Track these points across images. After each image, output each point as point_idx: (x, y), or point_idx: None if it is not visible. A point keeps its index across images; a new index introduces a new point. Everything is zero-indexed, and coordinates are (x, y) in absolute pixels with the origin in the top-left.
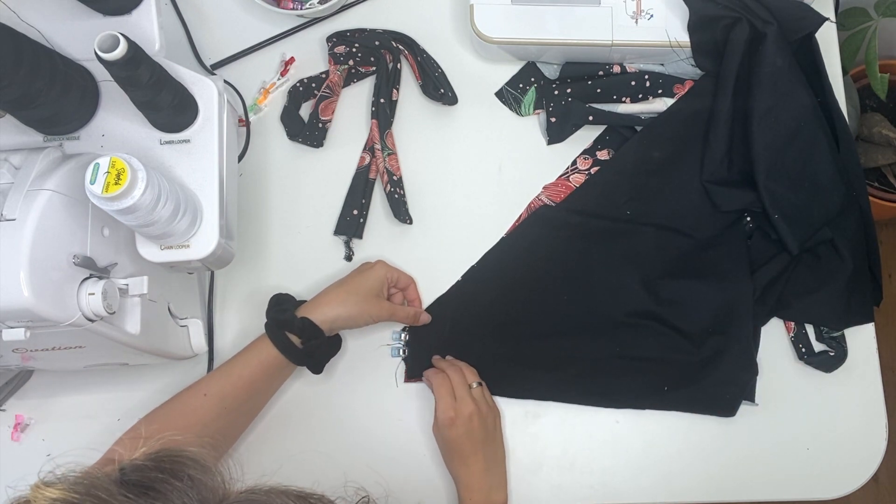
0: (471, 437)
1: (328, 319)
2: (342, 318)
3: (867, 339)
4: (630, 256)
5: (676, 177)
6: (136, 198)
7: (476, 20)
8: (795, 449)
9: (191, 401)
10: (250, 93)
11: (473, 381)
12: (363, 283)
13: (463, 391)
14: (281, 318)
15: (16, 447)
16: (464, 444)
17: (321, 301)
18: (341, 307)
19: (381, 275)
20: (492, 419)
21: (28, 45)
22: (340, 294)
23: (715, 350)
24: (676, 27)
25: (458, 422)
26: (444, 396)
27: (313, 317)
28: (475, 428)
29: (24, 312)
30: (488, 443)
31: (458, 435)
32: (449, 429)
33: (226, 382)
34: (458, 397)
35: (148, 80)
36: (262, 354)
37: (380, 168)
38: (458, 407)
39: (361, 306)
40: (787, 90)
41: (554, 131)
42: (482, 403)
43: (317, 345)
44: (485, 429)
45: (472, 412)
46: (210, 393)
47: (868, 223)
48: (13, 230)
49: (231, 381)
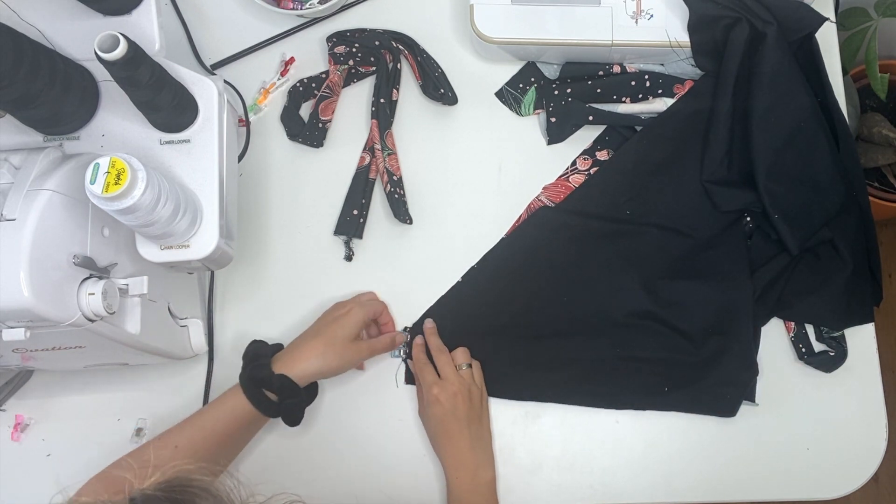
0: (455, 415)
1: (307, 375)
2: (321, 372)
3: (867, 339)
4: (630, 257)
5: (676, 177)
6: (136, 198)
7: (476, 20)
8: (795, 449)
9: (161, 453)
10: (250, 93)
11: (463, 363)
12: (340, 332)
13: (448, 371)
14: (258, 375)
15: (16, 447)
16: (449, 423)
17: (299, 356)
18: (320, 360)
19: (357, 320)
20: (478, 399)
21: (28, 45)
22: (318, 347)
23: (715, 350)
24: (676, 27)
25: (441, 399)
26: (428, 376)
27: (292, 373)
28: (460, 406)
29: (24, 312)
30: (474, 421)
31: (444, 412)
32: (433, 406)
33: (197, 435)
34: (443, 376)
35: (148, 80)
36: (238, 409)
37: (380, 168)
38: (442, 385)
39: (341, 357)
40: (787, 90)
41: (554, 131)
42: (469, 383)
43: (295, 402)
44: (470, 407)
45: (456, 391)
46: (181, 445)
47: (868, 223)
48: (13, 230)
49: (203, 433)
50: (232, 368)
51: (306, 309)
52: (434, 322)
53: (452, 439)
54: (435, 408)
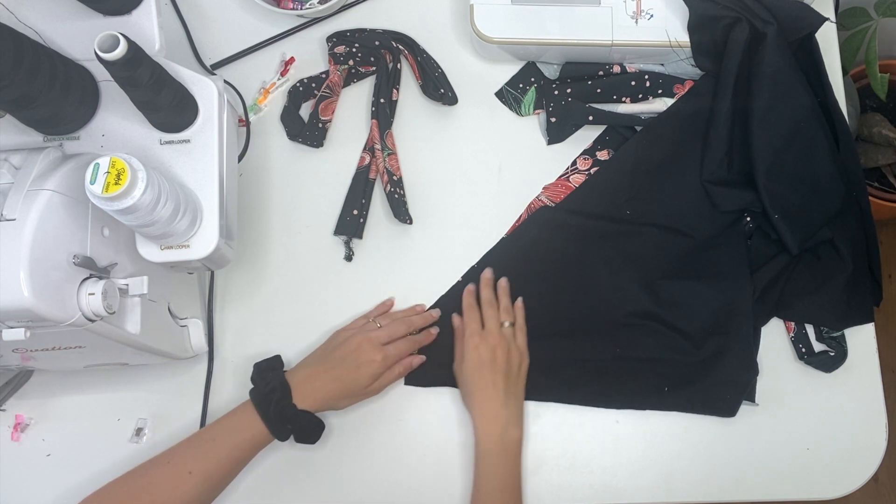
0: (493, 366)
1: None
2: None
3: (867, 339)
4: (630, 257)
5: (676, 177)
6: (136, 198)
7: (476, 20)
8: (795, 449)
9: (173, 479)
10: (250, 93)
11: (506, 320)
12: (362, 381)
13: (493, 324)
14: (286, 414)
15: (16, 447)
16: (484, 373)
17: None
18: (338, 402)
19: (378, 373)
20: (517, 360)
21: (28, 45)
22: (337, 390)
23: (715, 350)
24: (676, 27)
25: (481, 349)
26: (472, 323)
27: (312, 408)
28: (498, 359)
29: (24, 312)
30: (510, 379)
31: (480, 362)
32: (470, 354)
33: (212, 461)
34: (487, 329)
35: (148, 80)
36: (257, 439)
37: (380, 168)
38: (483, 335)
39: (357, 400)
40: (787, 90)
41: (554, 131)
42: (510, 341)
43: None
44: (508, 364)
45: (496, 344)
46: (195, 471)
47: (868, 223)
48: (13, 230)
49: (219, 460)
50: (232, 368)
51: (306, 309)
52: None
53: (486, 391)
54: (472, 357)
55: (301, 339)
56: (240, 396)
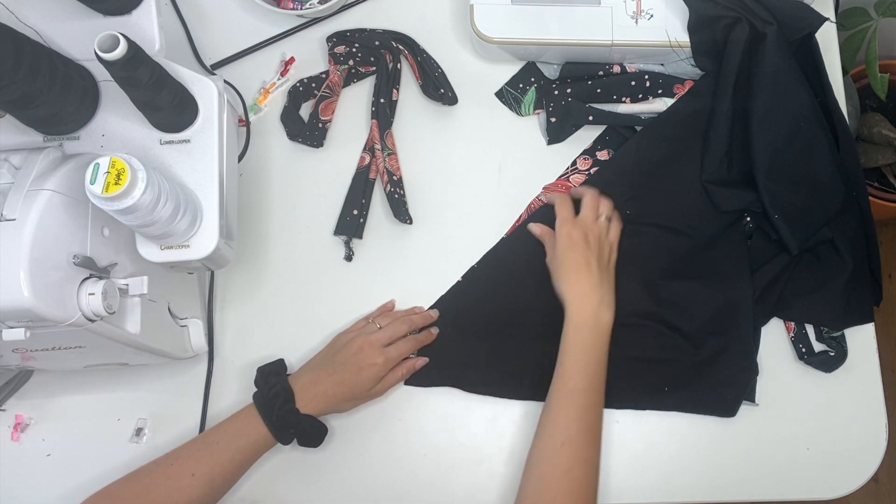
0: (587, 250)
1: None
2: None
3: (867, 339)
4: (630, 256)
5: (676, 177)
6: (136, 198)
7: (476, 20)
8: (795, 449)
9: (176, 481)
10: (250, 93)
11: (604, 213)
12: (365, 384)
13: (588, 213)
14: (291, 419)
15: (16, 447)
16: (578, 253)
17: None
18: (341, 405)
19: (380, 376)
20: (607, 251)
21: (28, 45)
22: (340, 393)
23: (715, 350)
24: (676, 27)
25: (574, 235)
26: (565, 211)
27: (316, 412)
28: (592, 243)
29: (24, 312)
30: (602, 266)
31: (573, 245)
32: (562, 241)
33: (216, 464)
34: (581, 216)
35: (148, 80)
36: (261, 442)
37: (380, 168)
38: (576, 223)
39: (360, 403)
40: (787, 90)
41: (554, 131)
42: (603, 232)
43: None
44: (601, 251)
45: (588, 231)
46: (198, 473)
47: (868, 223)
48: (13, 230)
49: (222, 462)
50: (232, 368)
51: (306, 309)
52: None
53: (580, 270)
54: (564, 241)
55: (301, 339)
56: (240, 396)
